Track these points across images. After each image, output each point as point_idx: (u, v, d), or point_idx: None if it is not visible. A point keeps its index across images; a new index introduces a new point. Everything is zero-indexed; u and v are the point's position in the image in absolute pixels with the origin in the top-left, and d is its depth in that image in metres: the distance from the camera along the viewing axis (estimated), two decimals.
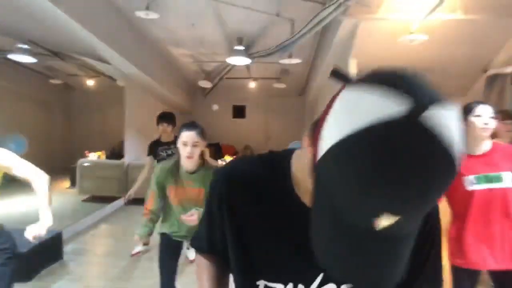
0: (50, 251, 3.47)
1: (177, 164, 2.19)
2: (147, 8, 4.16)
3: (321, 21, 3.51)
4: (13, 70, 7.09)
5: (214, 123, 9.13)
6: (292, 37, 4.15)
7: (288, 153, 0.67)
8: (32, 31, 5.08)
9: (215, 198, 0.71)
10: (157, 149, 3.75)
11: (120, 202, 5.75)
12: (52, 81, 7.94)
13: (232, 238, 0.70)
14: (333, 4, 3.28)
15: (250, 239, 0.69)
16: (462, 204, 1.89)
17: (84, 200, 5.86)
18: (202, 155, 2.20)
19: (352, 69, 4.20)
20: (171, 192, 2.20)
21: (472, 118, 1.85)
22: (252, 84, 8.28)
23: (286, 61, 5.33)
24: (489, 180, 1.85)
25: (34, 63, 5.99)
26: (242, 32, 5.32)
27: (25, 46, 5.42)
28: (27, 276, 3.01)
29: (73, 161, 6.75)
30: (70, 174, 6.86)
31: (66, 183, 7.00)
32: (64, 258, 3.60)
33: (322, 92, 6.40)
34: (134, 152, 5.99)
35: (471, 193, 1.85)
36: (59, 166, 8.31)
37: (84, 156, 6.36)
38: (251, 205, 0.68)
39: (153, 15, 4.24)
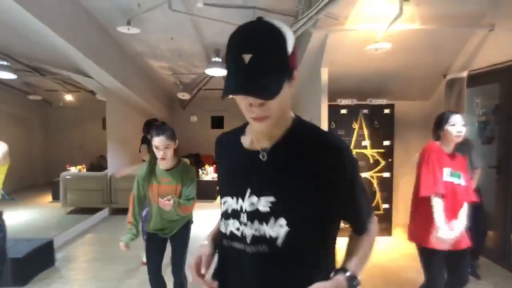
0: (43, 257, 3.62)
1: (152, 165, 2.39)
2: (129, 24, 4.35)
3: (293, 33, 3.79)
4: None
5: (193, 134, 9.28)
6: None
7: None
8: (13, 47, 5.13)
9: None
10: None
11: (104, 213, 5.80)
12: (31, 97, 7.89)
13: (217, 174, 1.19)
14: (304, 17, 3.57)
15: (220, 172, 1.15)
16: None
17: (68, 213, 5.88)
18: (176, 154, 2.42)
19: (324, 76, 4.52)
20: (150, 191, 2.39)
21: (448, 127, 2.16)
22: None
23: None
24: (454, 175, 2.16)
25: (13, 79, 6.00)
26: (219, 44, 5.55)
27: (5, 63, 5.44)
28: (22, 280, 3.13)
29: (53, 175, 6.77)
30: (52, 188, 6.86)
31: (48, 197, 6.96)
32: (56, 264, 3.74)
33: (297, 100, 6.68)
34: (117, 163, 6.06)
35: (445, 184, 2.14)
36: (40, 181, 8.32)
37: (65, 169, 6.37)
38: (223, 152, 1.12)
39: (134, 30, 4.43)
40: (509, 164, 3.68)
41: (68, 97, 8.21)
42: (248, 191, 0.95)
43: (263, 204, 0.92)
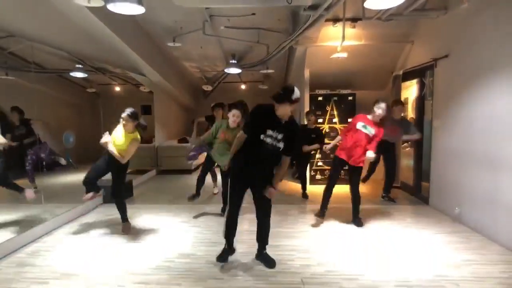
0: (127, 190, 5.84)
1: (227, 123, 4.44)
2: (174, 40, 6.48)
3: (283, 48, 5.88)
4: (60, 83, 9.30)
5: None
6: (267, 56, 6.52)
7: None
8: (87, 52, 7.20)
9: (253, 115, 3.09)
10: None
11: (152, 173, 8.07)
12: (88, 90, 10.17)
13: (256, 125, 3.03)
14: (289, 39, 5.63)
15: (259, 124, 2.99)
16: (352, 134, 4.28)
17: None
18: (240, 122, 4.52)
19: (306, 75, 6.61)
20: (221, 134, 4.45)
21: (375, 109, 4.20)
22: (243, 86, 10.62)
23: (264, 71, 7.72)
24: (366, 128, 4.23)
25: (76, 77, 8.19)
26: (235, 51, 7.65)
27: (80, 65, 7.67)
28: None
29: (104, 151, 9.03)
30: None
31: None
32: (133, 196, 6.00)
33: None
34: (161, 137, 8.31)
35: (358, 130, 4.24)
36: (92, 156, 10.42)
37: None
38: (263, 115, 3.00)
39: (177, 44, 6.58)
40: (421, 132, 5.69)
41: (117, 89, 10.45)
42: (276, 130, 2.94)
43: (279, 137, 2.95)
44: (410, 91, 6.79)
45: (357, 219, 4.43)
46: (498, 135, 3.73)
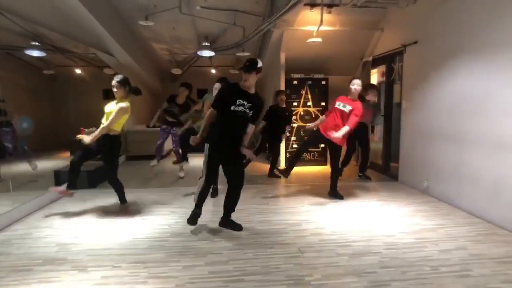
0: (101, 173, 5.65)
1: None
2: (146, 19, 6.28)
3: (260, 31, 5.94)
4: (12, 63, 8.59)
5: None
6: (244, 39, 6.54)
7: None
8: (50, 24, 6.52)
9: (222, 90, 3.45)
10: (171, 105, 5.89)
11: (122, 158, 7.83)
12: (45, 71, 9.51)
13: (225, 99, 3.31)
14: (267, 22, 5.70)
15: (229, 97, 3.30)
16: (334, 114, 4.47)
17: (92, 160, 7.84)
18: None
19: (282, 59, 6.73)
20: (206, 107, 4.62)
21: (350, 86, 4.41)
22: (213, 71, 10.53)
23: (240, 54, 7.73)
24: (344, 106, 4.43)
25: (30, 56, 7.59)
26: (208, 33, 7.57)
27: (37, 43, 7.10)
28: (93, 185, 5.25)
29: (62, 138, 8.52)
30: (70, 146, 8.49)
31: (66, 153, 8.52)
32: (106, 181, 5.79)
33: (266, 76, 8.83)
34: (129, 122, 8.04)
35: (335, 108, 4.45)
36: (48, 143, 9.43)
37: (80, 132, 8.20)
38: (232, 89, 3.37)
39: (150, 23, 6.38)
40: (390, 115, 6.07)
41: (77, 71, 9.89)
42: (245, 100, 3.22)
43: (248, 105, 3.24)
44: (376, 77, 7.15)
45: (334, 191, 4.71)
46: (463, 113, 4.13)
